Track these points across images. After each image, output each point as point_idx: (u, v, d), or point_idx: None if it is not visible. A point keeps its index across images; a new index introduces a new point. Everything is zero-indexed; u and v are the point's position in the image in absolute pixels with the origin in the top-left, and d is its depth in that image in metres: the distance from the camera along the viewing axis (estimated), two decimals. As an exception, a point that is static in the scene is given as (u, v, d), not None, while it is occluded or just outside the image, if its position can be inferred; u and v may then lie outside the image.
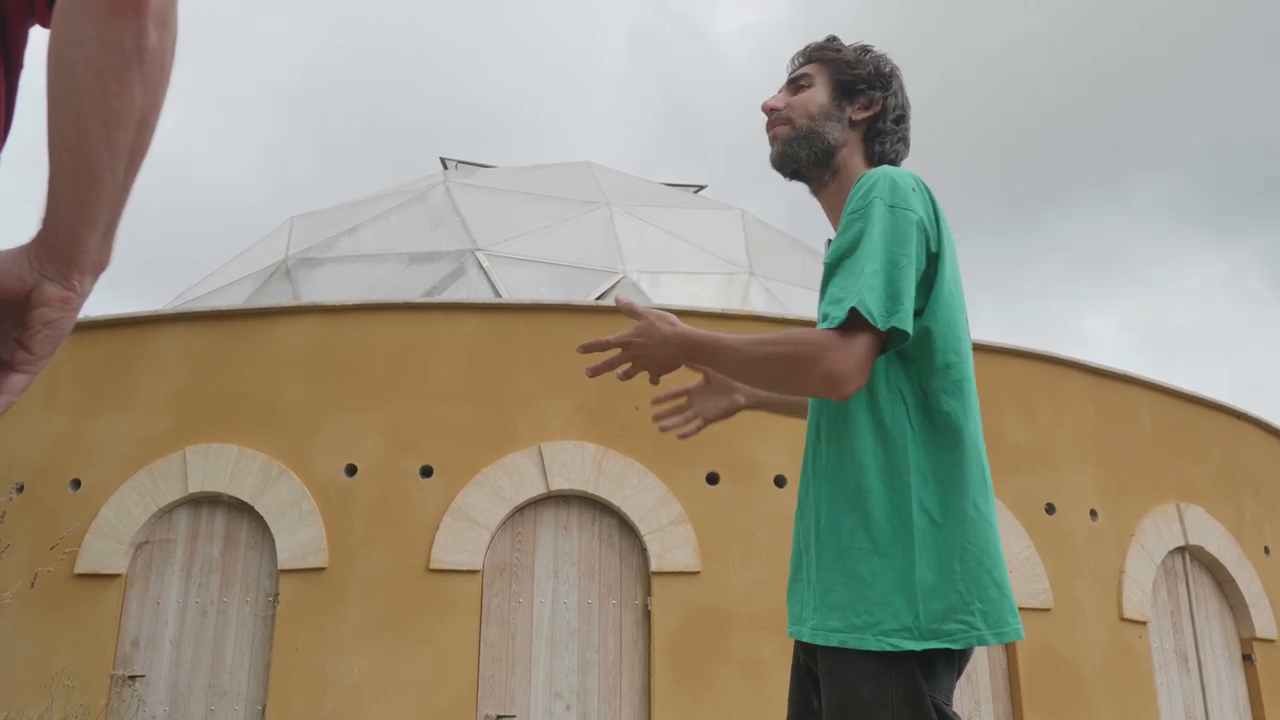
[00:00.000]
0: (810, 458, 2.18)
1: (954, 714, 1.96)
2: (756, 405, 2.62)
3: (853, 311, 1.92)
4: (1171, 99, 50.64)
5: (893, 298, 1.93)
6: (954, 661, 2.01)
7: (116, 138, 1.02)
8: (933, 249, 2.04)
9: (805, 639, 2.07)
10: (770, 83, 2.40)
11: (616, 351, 2.23)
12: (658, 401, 2.52)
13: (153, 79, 1.02)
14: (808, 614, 2.08)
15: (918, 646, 1.92)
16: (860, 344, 1.93)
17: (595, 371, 2.28)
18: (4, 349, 1.14)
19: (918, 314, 2.01)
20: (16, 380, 1.14)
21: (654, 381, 2.30)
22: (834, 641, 1.98)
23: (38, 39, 1.16)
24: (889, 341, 1.98)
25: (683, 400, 2.55)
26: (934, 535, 1.97)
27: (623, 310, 2.23)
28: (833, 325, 1.94)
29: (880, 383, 2.05)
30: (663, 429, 2.51)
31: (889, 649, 1.92)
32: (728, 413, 2.59)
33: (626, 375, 2.26)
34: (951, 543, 1.96)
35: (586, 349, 2.25)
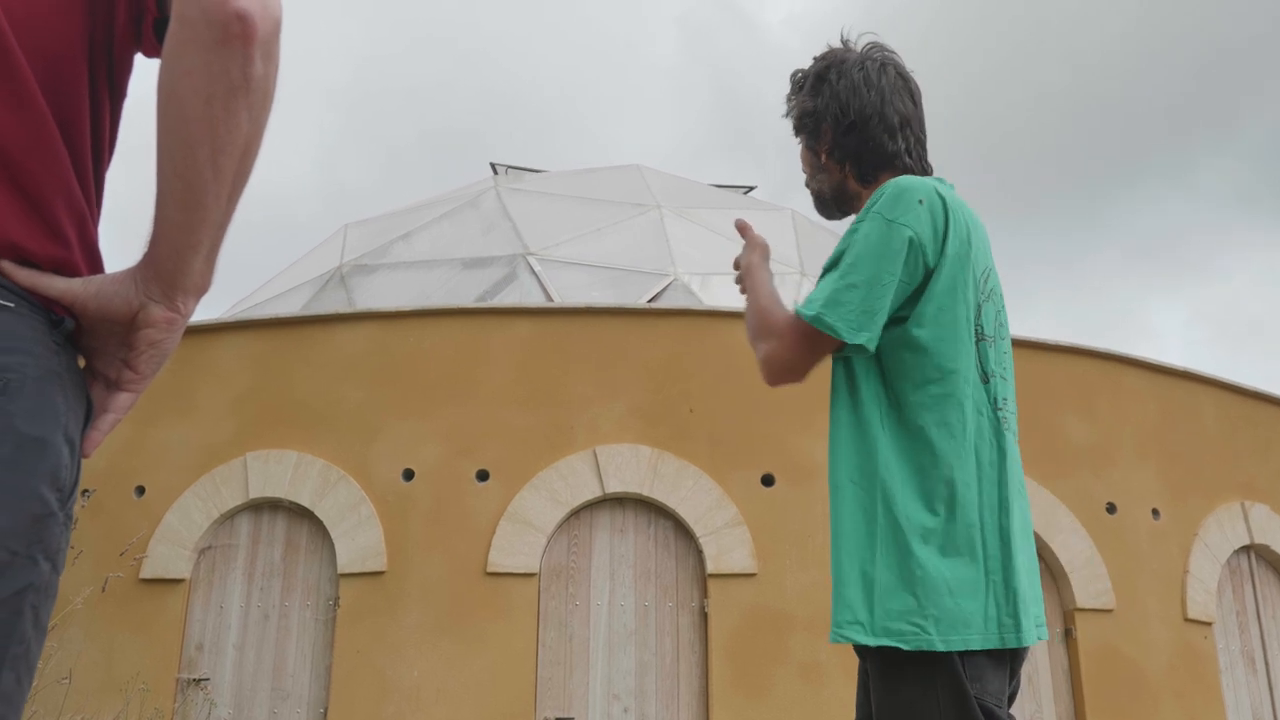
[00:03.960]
0: None
1: (1007, 715, 1.99)
2: None
3: (811, 319, 2.03)
4: (1230, 83, 49.75)
5: (865, 313, 2.01)
6: (1004, 662, 2.03)
7: (222, 164, 1.05)
8: (929, 264, 2.06)
9: (832, 639, 2.17)
10: None
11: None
12: None
13: (257, 107, 1.05)
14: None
15: (870, 642, 1.98)
16: (803, 346, 2.07)
17: (737, 283, 2.42)
18: (111, 368, 1.17)
19: (901, 322, 2.07)
20: (123, 399, 1.17)
21: None
22: (830, 638, 2.08)
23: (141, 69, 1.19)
24: (846, 347, 2.06)
25: None
26: (896, 539, 2.02)
27: (737, 229, 2.42)
28: (795, 316, 2.08)
29: (863, 389, 2.12)
30: None
31: (841, 641, 2.01)
32: None
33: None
34: (910, 551, 2.01)
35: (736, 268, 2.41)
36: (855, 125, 2.24)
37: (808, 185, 2.40)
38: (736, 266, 2.38)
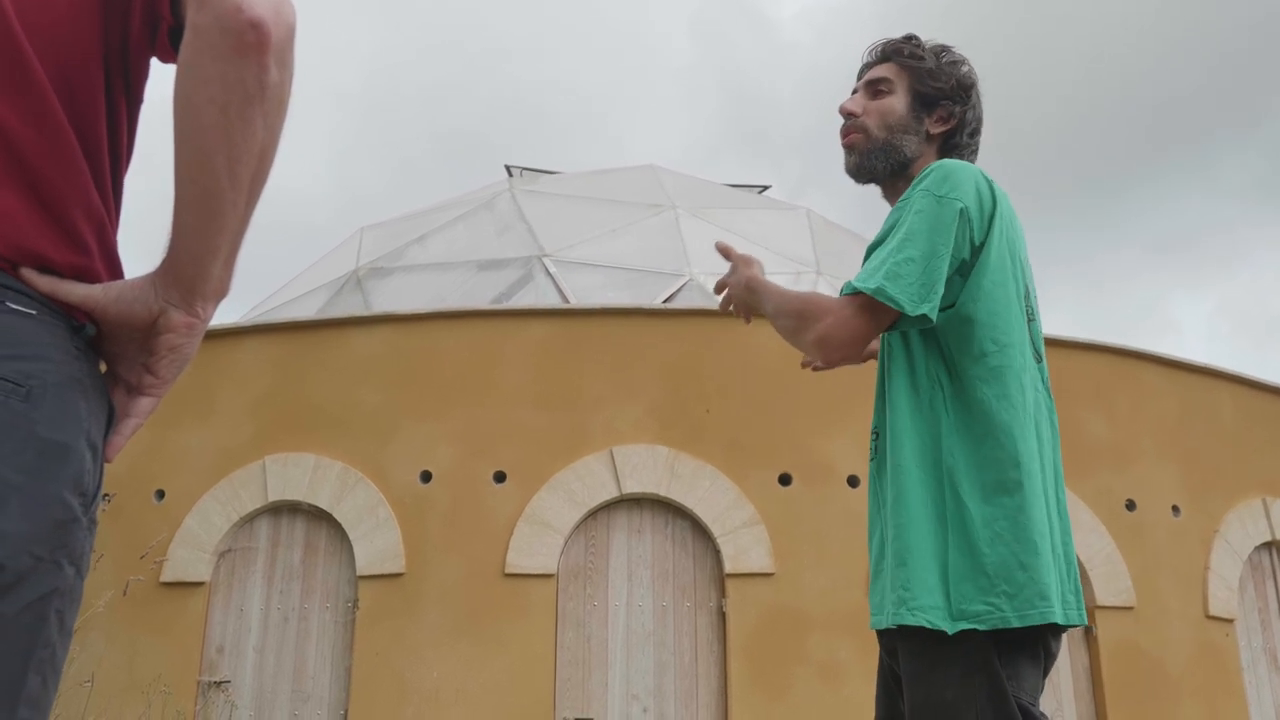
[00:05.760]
0: (874, 446, 2.25)
1: (1041, 714, 1.97)
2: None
3: (872, 291, 2.01)
4: (1250, 75, 49.39)
5: (926, 285, 2.00)
6: (1039, 659, 2.02)
7: (239, 170, 1.06)
8: (977, 239, 2.08)
9: (872, 626, 2.14)
10: (832, 69, 2.43)
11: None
12: None
13: (272, 114, 1.05)
14: (875, 600, 2.14)
15: (949, 628, 1.95)
16: (862, 319, 2.04)
17: (722, 307, 2.47)
18: (131, 374, 1.18)
19: (954, 304, 2.07)
20: (144, 403, 1.18)
21: (746, 321, 2.43)
22: (886, 622, 2.04)
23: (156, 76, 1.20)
24: (901, 322, 2.05)
25: None
26: (963, 519, 2.00)
27: (720, 252, 2.43)
28: (847, 294, 2.06)
29: (920, 367, 2.11)
30: (803, 364, 2.63)
31: (925, 625, 1.96)
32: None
33: (734, 312, 2.43)
34: (980, 527, 1.99)
35: (717, 291, 2.46)
36: (976, 133, 2.37)
37: (871, 132, 2.30)
38: (720, 289, 2.41)
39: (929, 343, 2.12)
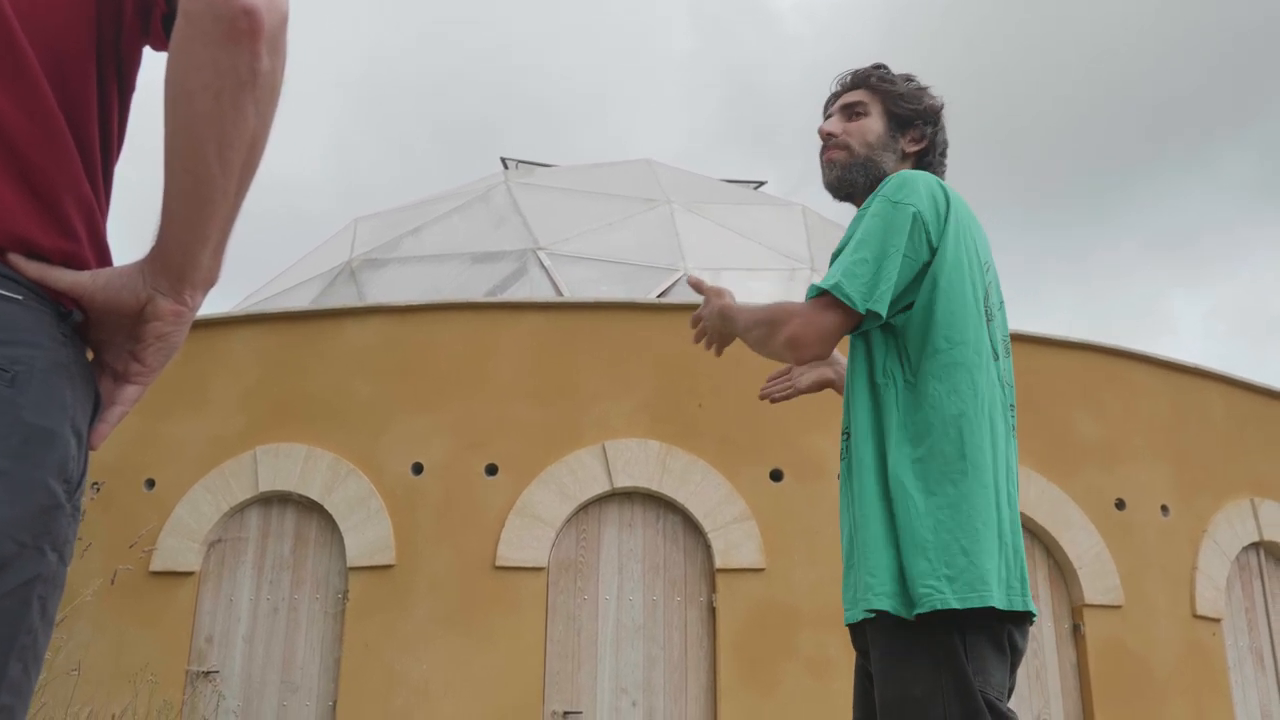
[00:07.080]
0: (845, 446, 2.33)
1: (1008, 710, 2.02)
2: (839, 383, 2.74)
3: (828, 291, 2.13)
4: (1250, 73, 49.39)
5: (874, 283, 2.12)
6: (1004, 654, 2.07)
7: (230, 158, 1.05)
8: (933, 242, 2.19)
9: (847, 621, 2.22)
10: (833, 64, 2.48)
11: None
12: (770, 379, 2.83)
13: (264, 101, 1.05)
14: (848, 596, 2.23)
15: (903, 612, 2.04)
16: (827, 318, 2.15)
17: (695, 340, 2.58)
18: (118, 361, 1.18)
19: (912, 304, 2.18)
20: (130, 391, 1.18)
21: (717, 353, 2.55)
22: (857, 617, 2.14)
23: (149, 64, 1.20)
24: (865, 321, 2.16)
25: (787, 373, 2.82)
26: (909, 508, 2.09)
27: (692, 286, 2.55)
28: (810, 297, 2.18)
29: (878, 366, 2.22)
30: (761, 396, 2.80)
31: (877, 609, 2.06)
32: (816, 385, 2.77)
33: (709, 346, 2.54)
34: (924, 515, 2.08)
35: (692, 325, 2.57)
36: (945, 153, 2.53)
37: (853, 148, 2.44)
38: (695, 323, 2.53)
39: (887, 342, 2.22)
